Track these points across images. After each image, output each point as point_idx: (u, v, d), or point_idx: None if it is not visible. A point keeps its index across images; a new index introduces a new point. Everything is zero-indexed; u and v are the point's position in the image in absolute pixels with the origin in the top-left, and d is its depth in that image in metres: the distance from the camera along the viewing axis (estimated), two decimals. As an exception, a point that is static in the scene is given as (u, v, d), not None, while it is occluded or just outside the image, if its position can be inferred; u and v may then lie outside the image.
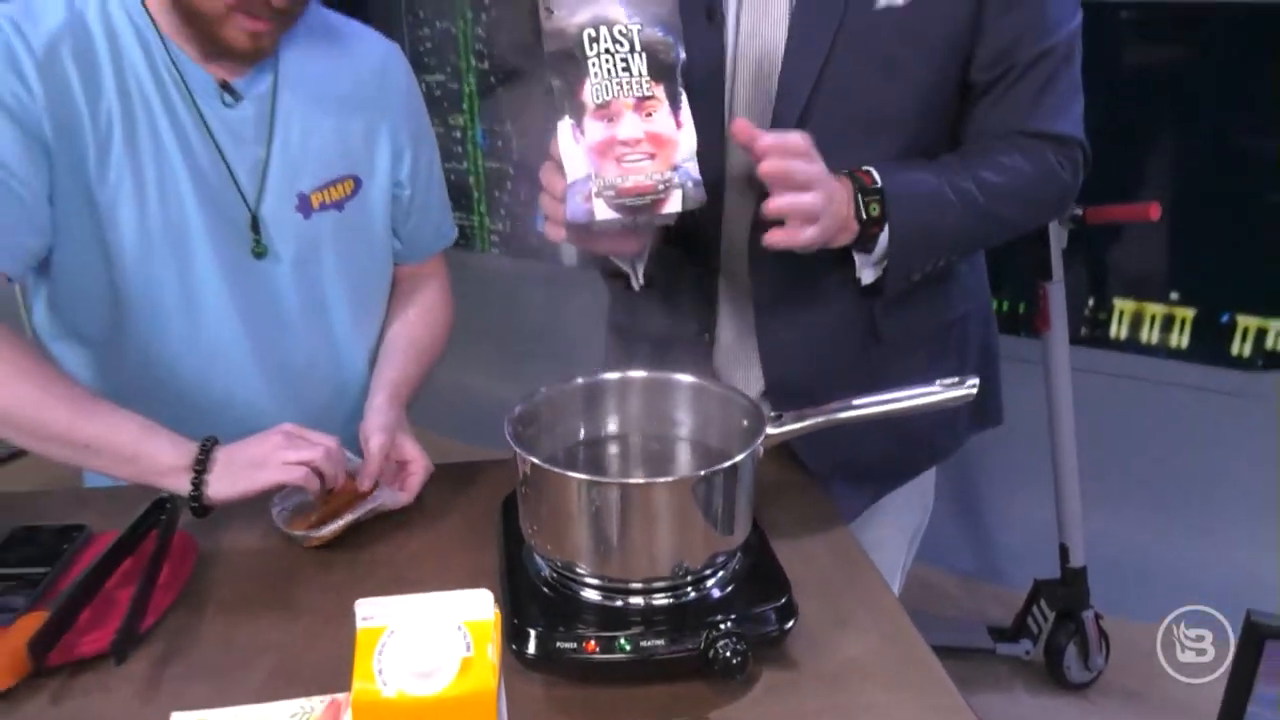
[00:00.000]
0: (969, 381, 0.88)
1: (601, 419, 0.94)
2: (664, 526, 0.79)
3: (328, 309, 1.12)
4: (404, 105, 1.15)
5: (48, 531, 0.97)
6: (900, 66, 0.96)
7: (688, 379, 0.94)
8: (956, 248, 1.05)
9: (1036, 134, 1.00)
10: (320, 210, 1.08)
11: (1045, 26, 0.97)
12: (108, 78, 0.97)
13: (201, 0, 0.93)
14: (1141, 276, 2.28)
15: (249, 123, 1.03)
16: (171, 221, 1.01)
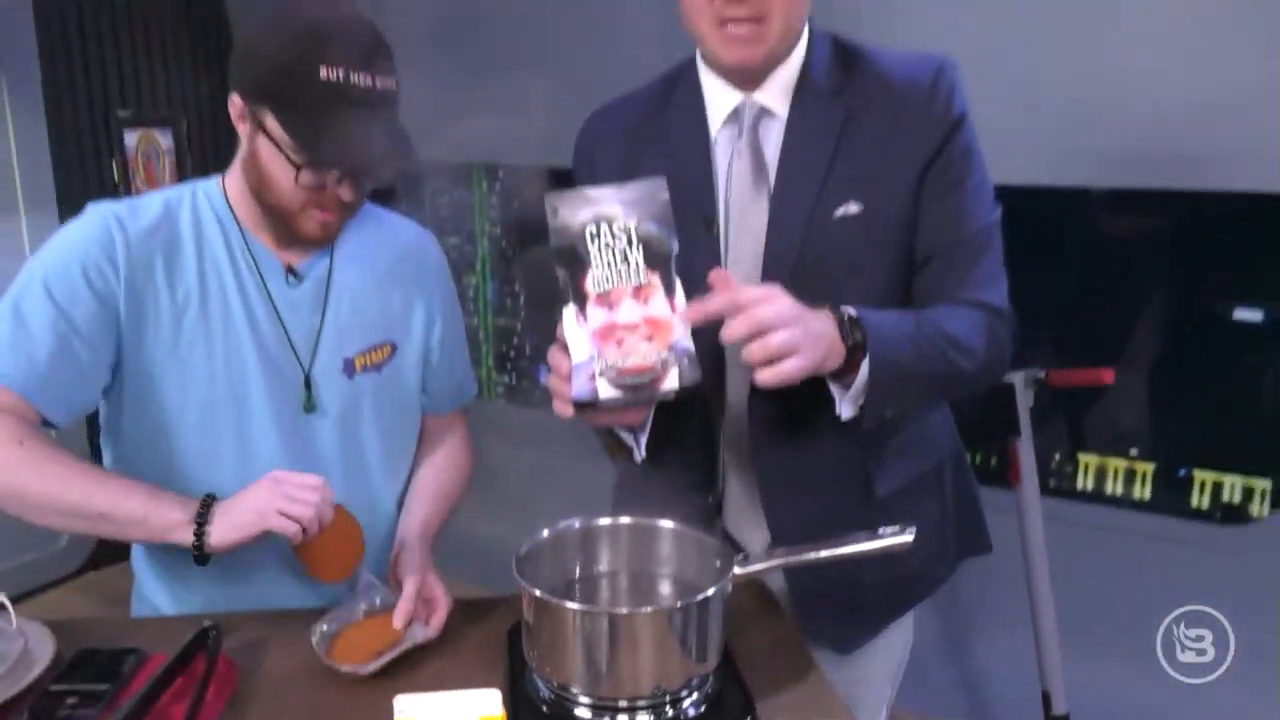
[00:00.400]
0: (908, 530, 1.03)
1: (595, 558, 1.09)
2: (645, 652, 0.93)
3: (364, 457, 1.30)
4: (436, 282, 1.35)
5: (106, 654, 1.10)
6: (858, 266, 1.15)
7: (668, 525, 1.09)
8: (923, 387, 1.16)
9: (971, 302, 1.17)
10: (362, 372, 1.27)
11: (962, 222, 1.16)
12: (190, 262, 1.18)
13: (282, 196, 1.15)
14: (1105, 433, 2.46)
15: (307, 299, 1.24)
16: (235, 382, 1.20)
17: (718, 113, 1.19)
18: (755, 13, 1.07)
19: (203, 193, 1.23)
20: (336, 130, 1.07)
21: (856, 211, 1.13)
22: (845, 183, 1.14)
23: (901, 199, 1.14)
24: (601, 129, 1.29)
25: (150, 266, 1.16)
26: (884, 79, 1.16)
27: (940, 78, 1.15)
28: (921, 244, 1.17)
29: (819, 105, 1.16)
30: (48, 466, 1.08)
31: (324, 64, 1.06)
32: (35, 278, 1.13)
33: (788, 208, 1.15)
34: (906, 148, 1.14)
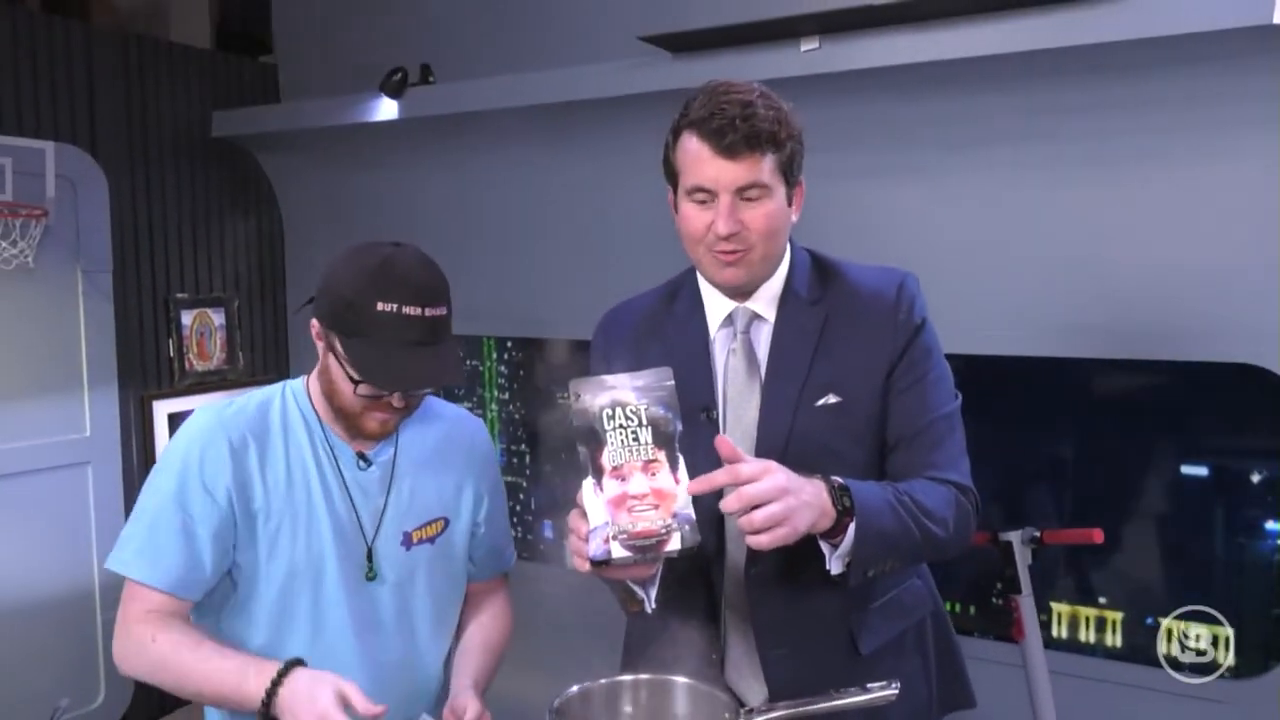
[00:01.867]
0: (893, 684, 1.19)
1: (618, 711, 1.24)
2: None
3: (414, 619, 1.48)
4: (484, 464, 1.57)
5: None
6: (838, 452, 1.34)
7: (684, 680, 1.24)
8: (902, 549, 1.30)
9: (938, 480, 1.34)
10: (418, 544, 1.46)
11: (925, 409, 1.36)
12: (279, 452, 1.41)
13: (345, 401, 1.38)
14: (1073, 585, 2.59)
15: (375, 482, 1.45)
16: (314, 555, 1.40)
17: (715, 316, 1.42)
18: (740, 245, 1.31)
19: (290, 392, 1.46)
20: (387, 357, 1.30)
21: (835, 402, 1.34)
22: (825, 378, 1.35)
23: (873, 392, 1.36)
24: (613, 327, 1.51)
25: (247, 460, 1.39)
26: (855, 290, 1.40)
27: (902, 290, 1.39)
28: (891, 430, 1.37)
29: (801, 312, 1.39)
30: (169, 659, 1.32)
31: (380, 300, 1.29)
32: (160, 484, 1.37)
33: (777, 398, 1.36)
34: (875, 349, 1.36)
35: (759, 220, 1.30)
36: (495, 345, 3.72)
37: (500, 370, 3.75)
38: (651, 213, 2.87)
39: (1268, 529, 2.43)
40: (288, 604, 1.40)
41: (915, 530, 1.27)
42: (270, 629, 1.40)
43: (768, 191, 1.29)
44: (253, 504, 1.38)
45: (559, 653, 1.50)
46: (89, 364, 3.06)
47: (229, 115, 3.38)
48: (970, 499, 1.37)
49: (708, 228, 1.30)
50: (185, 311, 3.34)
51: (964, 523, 1.35)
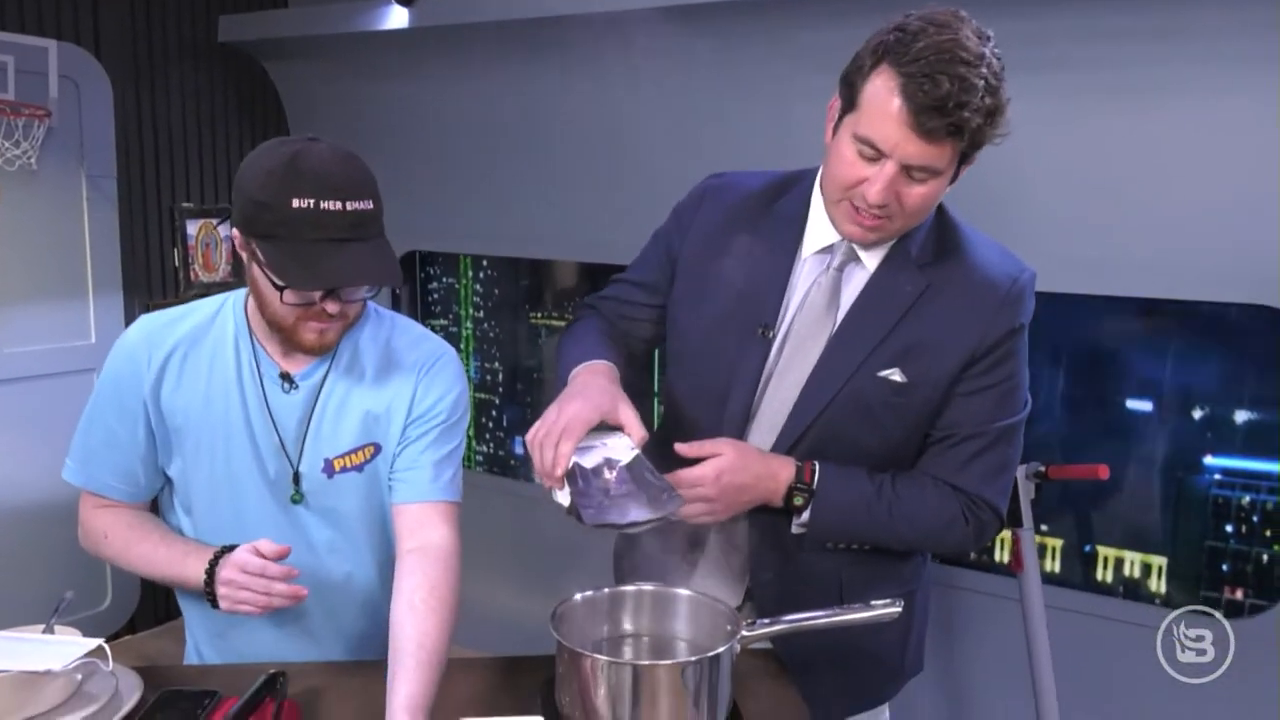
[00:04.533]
0: (896, 602, 1.18)
1: (620, 619, 1.24)
2: (663, 701, 1.08)
3: (345, 542, 1.42)
4: (432, 386, 1.39)
5: (188, 695, 1.26)
6: (881, 425, 1.30)
7: (685, 593, 1.25)
8: (862, 540, 1.35)
9: (958, 488, 1.32)
10: (341, 472, 1.40)
11: (986, 418, 1.30)
12: (202, 369, 1.37)
13: (275, 313, 1.30)
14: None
15: (299, 405, 1.39)
16: (233, 476, 1.38)
17: (815, 238, 1.32)
18: (883, 215, 1.21)
19: (230, 304, 1.41)
20: (309, 254, 1.20)
21: (899, 381, 1.28)
22: (899, 350, 1.28)
23: (939, 382, 1.28)
24: (712, 199, 1.40)
25: (167, 374, 1.37)
26: (968, 269, 1.29)
27: (1014, 287, 1.28)
28: (943, 423, 1.31)
29: (905, 272, 1.29)
30: (120, 555, 1.40)
31: (295, 196, 1.19)
32: (94, 396, 1.40)
33: (842, 352, 1.29)
34: (962, 338, 1.27)
35: (914, 200, 1.20)
36: (471, 263, 3.73)
37: (475, 289, 3.76)
38: (658, 132, 2.85)
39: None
40: (215, 518, 1.40)
41: (882, 531, 1.31)
42: (210, 534, 1.40)
43: (937, 175, 1.19)
44: (172, 418, 1.37)
45: (544, 568, 1.48)
46: (94, 271, 3.05)
47: (236, 20, 3.30)
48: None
49: (860, 182, 1.19)
50: (191, 222, 3.31)
51: (955, 539, 1.33)
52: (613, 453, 1.19)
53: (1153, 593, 2.57)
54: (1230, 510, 2.48)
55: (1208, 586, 2.51)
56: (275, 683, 1.25)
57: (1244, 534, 2.46)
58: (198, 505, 1.41)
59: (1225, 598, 2.48)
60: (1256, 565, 2.45)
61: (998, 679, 2.50)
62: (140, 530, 1.40)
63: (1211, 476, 2.50)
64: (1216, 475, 2.49)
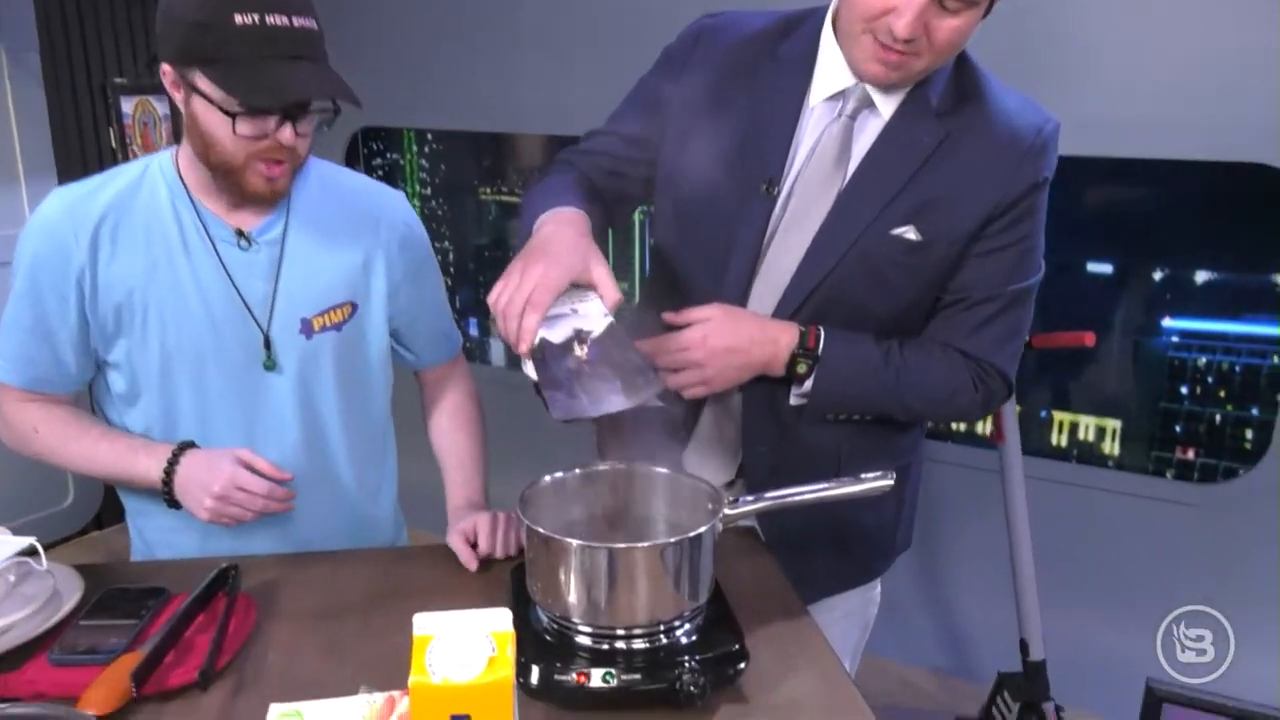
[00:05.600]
0: (889, 475, 1.10)
1: (594, 500, 1.16)
2: (642, 585, 1.00)
3: (320, 415, 1.34)
4: (399, 239, 1.36)
5: (134, 592, 1.18)
6: (891, 288, 1.20)
7: (664, 470, 1.16)
8: (866, 410, 1.27)
9: (968, 354, 1.23)
10: (320, 332, 1.31)
11: (1001, 280, 1.20)
12: (137, 237, 1.24)
13: (224, 152, 1.18)
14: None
15: (261, 262, 1.27)
16: (185, 347, 1.26)
17: (825, 84, 1.19)
18: (910, 51, 1.09)
19: (157, 165, 1.27)
20: (262, 71, 1.10)
21: (913, 239, 1.17)
22: (914, 205, 1.17)
23: (956, 240, 1.18)
24: (709, 40, 1.26)
25: (98, 249, 1.23)
26: (990, 117, 1.17)
27: (1039, 137, 1.17)
28: (956, 285, 1.21)
29: (923, 121, 1.17)
30: (55, 451, 1.31)
31: (237, 12, 1.08)
32: (13, 283, 1.25)
33: (853, 207, 1.18)
34: (981, 194, 1.16)
35: (945, 34, 1.08)
36: (415, 137, 3.54)
37: (421, 164, 3.57)
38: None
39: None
40: (170, 400, 1.28)
41: (889, 400, 1.24)
42: (160, 424, 1.30)
43: (973, 5, 1.07)
44: (109, 296, 1.24)
45: (514, 450, 1.40)
46: (23, 154, 2.84)
47: None
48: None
49: (884, 13, 1.07)
50: (126, 99, 3.08)
51: (962, 407, 1.26)
52: (584, 321, 1.07)
53: (1105, 455, 2.58)
54: (1186, 372, 2.47)
55: (1160, 448, 2.52)
56: (227, 577, 1.18)
57: (1198, 396, 2.46)
58: (147, 391, 1.28)
59: (1177, 458, 2.49)
60: (1209, 426, 2.46)
61: (978, 553, 2.50)
62: (77, 426, 1.30)
63: (1169, 339, 2.47)
64: (1174, 338, 2.47)
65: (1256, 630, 1.75)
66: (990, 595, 2.48)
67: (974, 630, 2.68)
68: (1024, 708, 2.23)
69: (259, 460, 1.22)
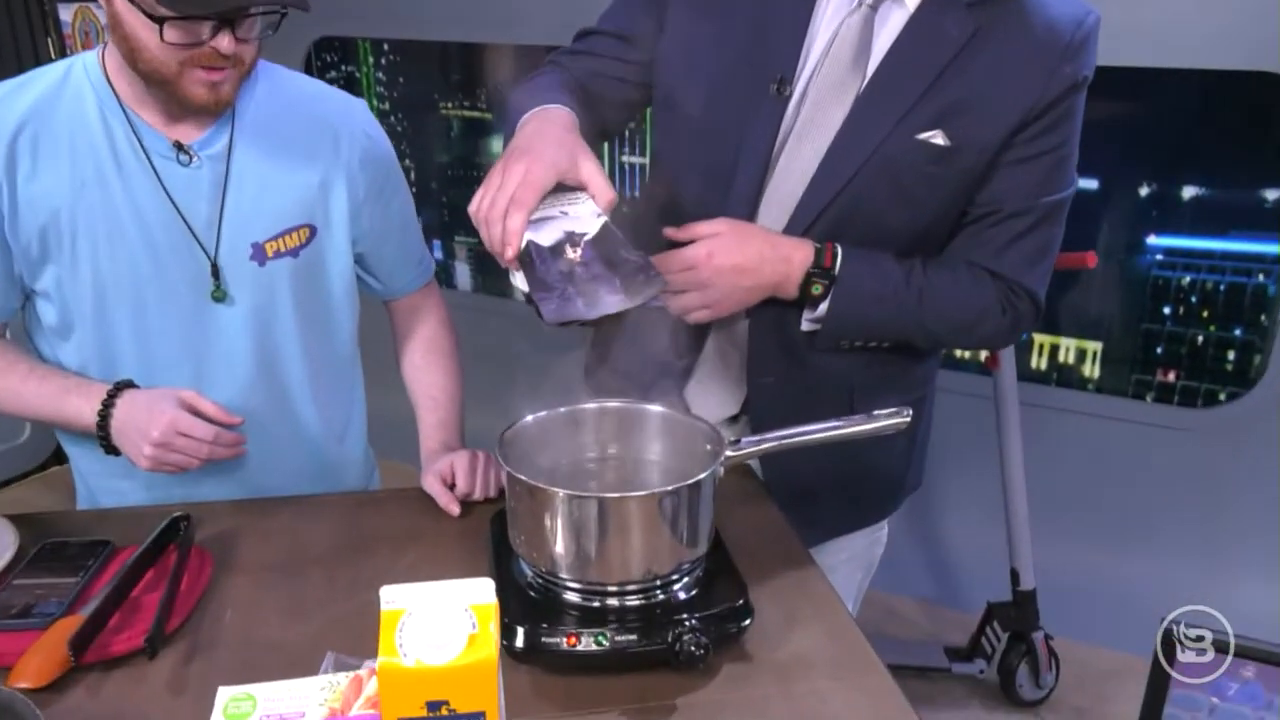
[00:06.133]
0: (904, 412, 1.00)
1: (581, 443, 1.05)
2: (635, 536, 0.90)
3: (278, 349, 1.21)
4: (361, 155, 1.22)
5: (75, 546, 1.07)
6: (914, 200, 1.09)
7: (658, 409, 1.05)
8: (885, 336, 1.17)
9: (996, 274, 1.13)
10: (275, 258, 1.17)
11: (1034, 191, 1.10)
12: (60, 150, 1.09)
13: (153, 61, 1.03)
14: None
15: (204, 180, 1.13)
16: (121, 274, 1.12)
17: None
18: None
19: (81, 67, 1.12)
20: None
21: (940, 145, 1.06)
22: (940, 106, 1.06)
23: (987, 146, 1.07)
24: None
25: (16, 160, 1.08)
26: (1026, 10, 1.06)
27: (1080, 31, 1.06)
28: (984, 197, 1.11)
29: (952, 11, 1.05)
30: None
31: None
32: None
33: (874, 108, 1.07)
34: (1016, 94, 1.06)
35: None
36: (371, 48, 3.31)
37: (378, 76, 3.36)
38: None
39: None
40: (106, 333, 1.15)
41: (910, 324, 1.14)
42: (97, 361, 1.17)
43: None
44: (31, 217, 1.09)
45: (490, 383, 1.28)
46: (-47, 65, 2.63)
47: None
48: (1021, 306, 1.15)
49: None
50: (64, 6, 2.85)
51: (988, 333, 1.17)
52: (575, 223, 0.95)
53: (1085, 378, 2.52)
54: (1170, 292, 2.39)
55: (1141, 371, 2.46)
56: (178, 528, 1.07)
57: (1181, 316, 2.39)
58: (81, 323, 1.15)
59: (1157, 380, 2.44)
60: (1191, 348, 2.39)
61: (970, 481, 2.44)
62: (2, 360, 1.16)
63: (1153, 257, 2.39)
64: (1158, 256, 2.39)
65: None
66: (981, 525, 2.43)
67: (964, 560, 2.65)
68: (1013, 637, 2.22)
69: (204, 402, 1.11)
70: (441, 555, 1.09)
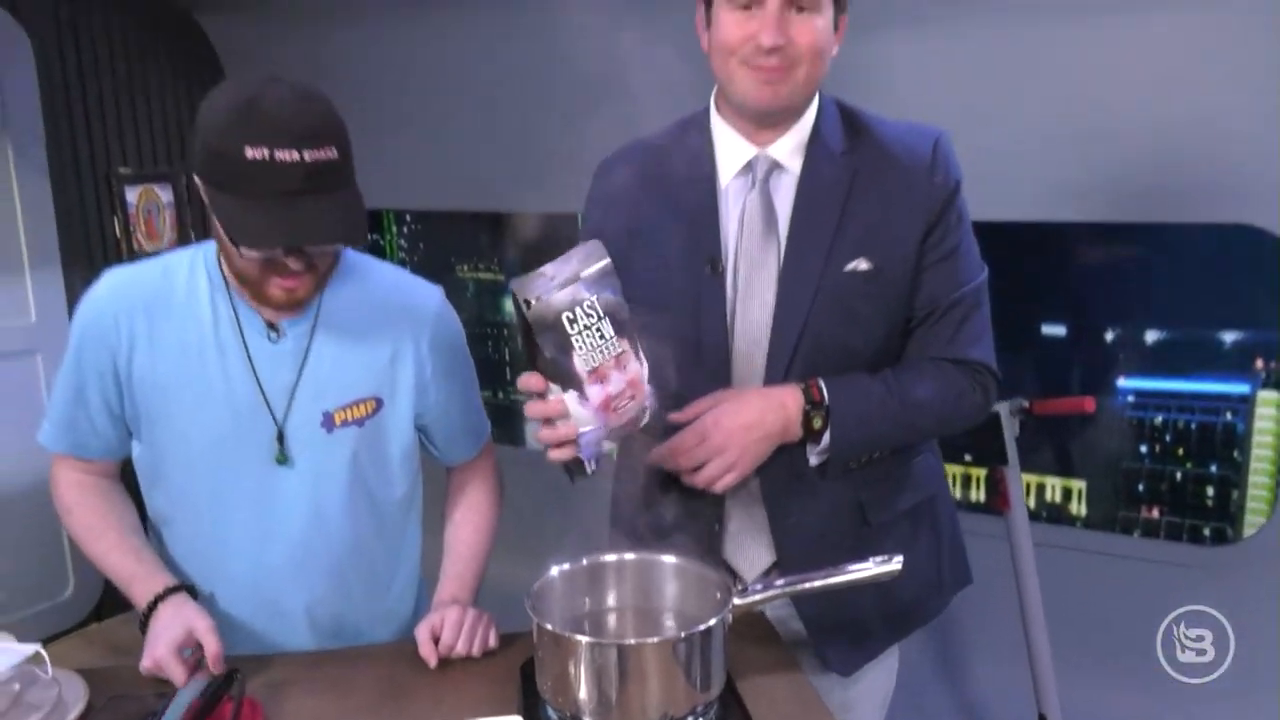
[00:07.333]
0: (895, 559, 1.10)
1: (602, 593, 1.15)
2: (652, 681, 0.99)
3: (331, 514, 1.32)
4: (430, 335, 1.35)
5: (137, 699, 1.15)
6: (863, 322, 1.24)
7: (671, 560, 1.15)
8: (884, 446, 1.29)
9: (955, 360, 1.26)
10: (342, 426, 1.30)
11: (956, 283, 1.26)
12: (174, 322, 1.26)
13: (238, 266, 1.20)
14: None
15: (287, 354, 1.28)
16: (205, 437, 1.27)
17: (730, 164, 1.27)
18: (784, 60, 1.17)
19: (202, 256, 1.29)
20: (262, 211, 1.10)
21: (867, 268, 1.22)
22: (855, 239, 1.22)
23: (905, 260, 1.23)
24: (614, 169, 1.34)
25: (136, 331, 1.25)
26: (886, 144, 1.25)
27: (938, 149, 1.24)
28: (920, 301, 1.25)
29: (829, 163, 1.24)
30: (81, 538, 1.35)
31: (249, 145, 1.08)
32: (66, 354, 1.29)
33: (801, 258, 1.22)
34: (910, 211, 1.22)
35: (807, 34, 1.17)
36: (395, 217, 3.59)
37: (400, 244, 3.62)
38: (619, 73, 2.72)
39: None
40: (191, 484, 1.29)
41: (900, 426, 1.26)
42: (183, 507, 1.31)
43: (817, 6, 1.17)
44: (142, 377, 1.26)
45: (527, 536, 1.38)
46: (28, 245, 2.84)
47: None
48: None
49: (748, 38, 1.17)
50: (129, 188, 3.11)
51: (968, 412, 1.29)
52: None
53: (1074, 516, 2.58)
54: (1145, 431, 2.49)
55: (1126, 507, 2.52)
56: (232, 681, 1.16)
57: (1158, 454, 2.48)
58: (171, 475, 1.30)
59: (1142, 517, 2.50)
60: (1170, 484, 2.47)
61: (990, 621, 2.46)
62: (101, 523, 1.33)
63: (1126, 398, 2.50)
64: (1130, 397, 2.49)
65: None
66: (1004, 664, 2.43)
67: (989, 705, 2.63)
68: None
69: (207, 637, 1.19)
70: (475, 703, 1.16)
